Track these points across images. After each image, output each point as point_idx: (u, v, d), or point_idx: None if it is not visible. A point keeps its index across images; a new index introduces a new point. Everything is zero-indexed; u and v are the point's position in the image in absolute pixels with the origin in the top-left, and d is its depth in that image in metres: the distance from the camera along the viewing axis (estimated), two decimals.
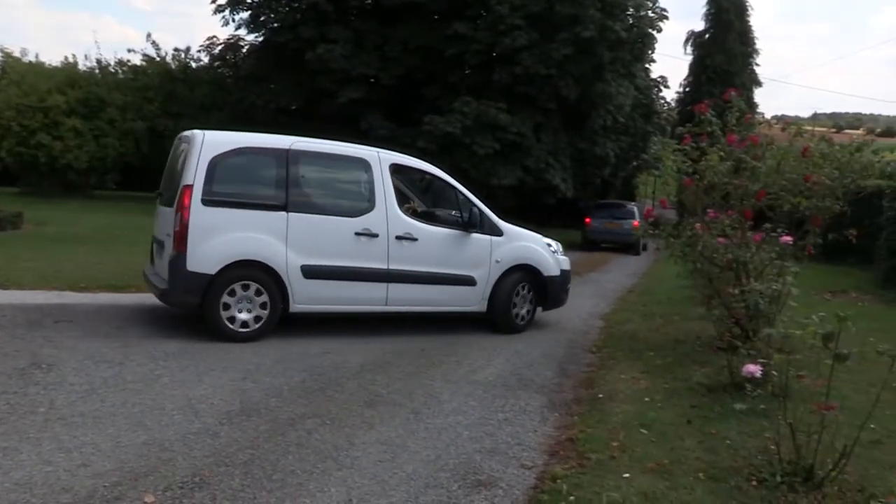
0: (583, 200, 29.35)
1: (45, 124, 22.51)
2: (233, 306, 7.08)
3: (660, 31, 28.03)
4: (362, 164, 7.95)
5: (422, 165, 8.81)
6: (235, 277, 7.08)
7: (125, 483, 3.73)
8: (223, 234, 7.03)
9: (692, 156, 7.41)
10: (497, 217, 8.78)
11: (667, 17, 28.16)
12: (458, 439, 4.83)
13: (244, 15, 27.31)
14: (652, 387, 6.26)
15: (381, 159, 8.01)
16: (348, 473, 4.10)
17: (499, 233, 8.66)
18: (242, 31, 28.61)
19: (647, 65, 32.57)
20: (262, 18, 26.99)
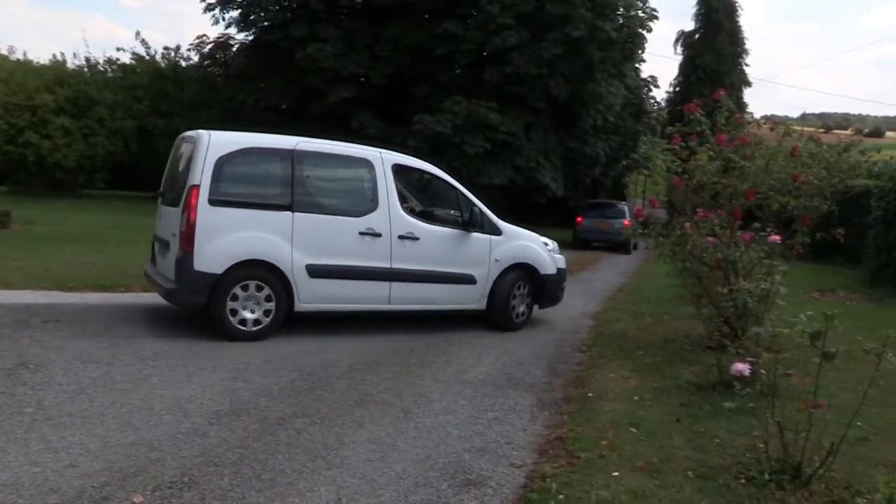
0: (573, 200, 29.42)
1: (34, 123, 22.36)
2: (239, 306, 7.12)
3: (650, 31, 28.15)
4: (365, 165, 8.00)
5: (423, 165, 8.88)
6: (241, 277, 7.11)
7: (113, 483, 3.71)
8: (229, 234, 7.05)
9: (681, 155, 7.43)
10: (496, 216, 8.88)
11: (657, 17, 28.29)
12: (448, 438, 4.83)
13: (234, 14, 27.29)
14: (641, 385, 6.28)
15: (383, 159, 8.07)
16: (338, 473, 4.10)
17: (498, 232, 8.76)
18: (232, 30, 28.63)
19: (637, 64, 32.72)
20: (253, 17, 26.95)
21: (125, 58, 27.22)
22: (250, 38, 28.33)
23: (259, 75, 26.39)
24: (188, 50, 28.89)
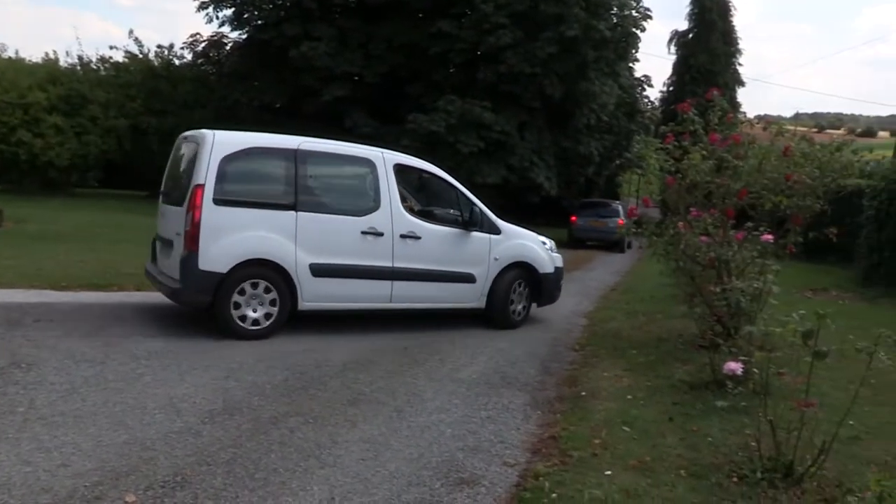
0: (567, 199, 29.44)
1: (26, 121, 22.30)
2: (243, 305, 7.14)
3: (643, 30, 28.26)
4: (368, 164, 8.04)
5: (424, 165, 8.92)
6: (246, 276, 7.14)
7: (106, 483, 3.70)
8: (234, 234, 7.08)
9: (675, 154, 7.45)
10: (495, 216, 8.96)
11: (650, 17, 28.44)
12: (441, 437, 4.83)
13: (228, 12, 27.26)
14: (634, 384, 6.29)
15: (385, 159, 8.11)
16: (331, 472, 4.10)
17: (497, 231, 8.84)
18: (226, 29, 28.60)
19: (631, 64, 32.83)
20: (246, 16, 26.93)
21: (118, 56, 27.19)
22: (244, 36, 28.31)
23: (253, 74, 26.34)
24: (182, 48, 28.93)
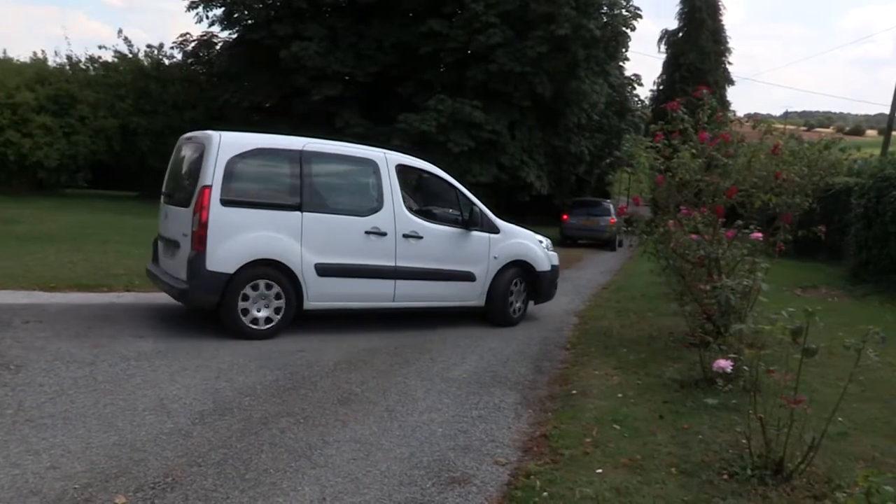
0: (558, 198, 29.49)
1: (14, 121, 22.16)
2: (250, 305, 7.18)
3: (633, 29, 28.36)
4: (370, 165, 8.11)
5: (425, 166, 8.99)
6: (253, 276, 7.18)
7: (96, 485, 3.68)
8: (241, 234, 7.10)
9: (664, 153, 7.47)
10: (494, 215, 9.07)
11: (640, 16, 28.50)
12: (432, 437, 4.83)
13: (218, 12, 27.20)
14: (625, 383, 6.31)
15: (387, 160, 8.20)
16: (322, 472, 4.09)
17: (496, 230, 8.96)
18: (216, 28, 28.51)
19: (621, 63, 32.94)
20: (236, 15, 26.84)
21: (107, 56, 27.05)
22: (234, 36, 28.23)
23: (243, 74, 26.28)
24: (171, 48, 28.82)
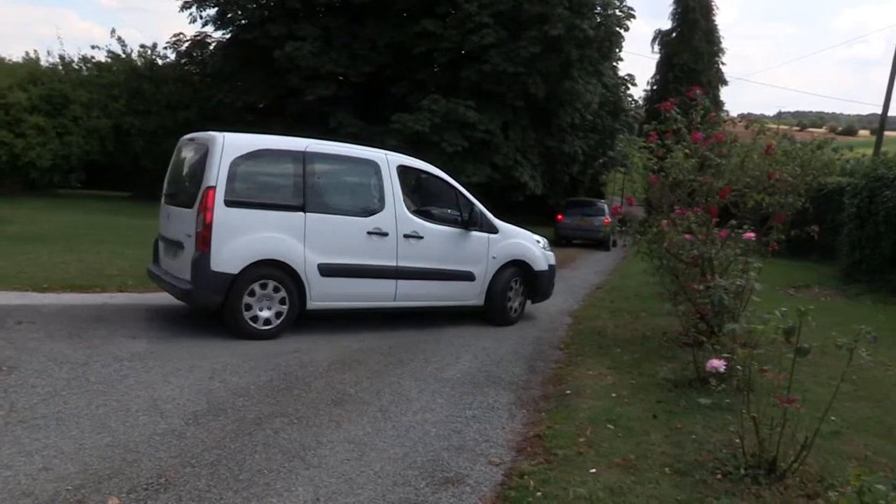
0: (551, 198, 29.53)
1: (7, 121, 22.05)
2: (254, 305, 7.22)
3: (627, 29, 28.42)
4: (372, 166, 8.17)
5: (425, 166, 9.05)
6: (257, 276, 7.21)
7: (88, 486, 3.67)
8: (245, 235, 7.13)
9: (658, 153, 7.48)
10: (492, 215, 9.14)
11: (634, 16, 28.57)
12: (426, 437, 4.83)
13: (211, 12, 27.14)
14: (619, 382, 6.31)
15: (389, 161, 8.26)
16: (316, 472, 4.09)
17: (495, 230, 9.05)
18: (210, 28, 28.43)
19: (614, 63, 33.01)
20: (230, 15, 26.78)
21: (101, 56, 26.93)
22: (227, 36, 28.16)
23: (236, 74, 26.23)
24: (165, 48, 28.65)
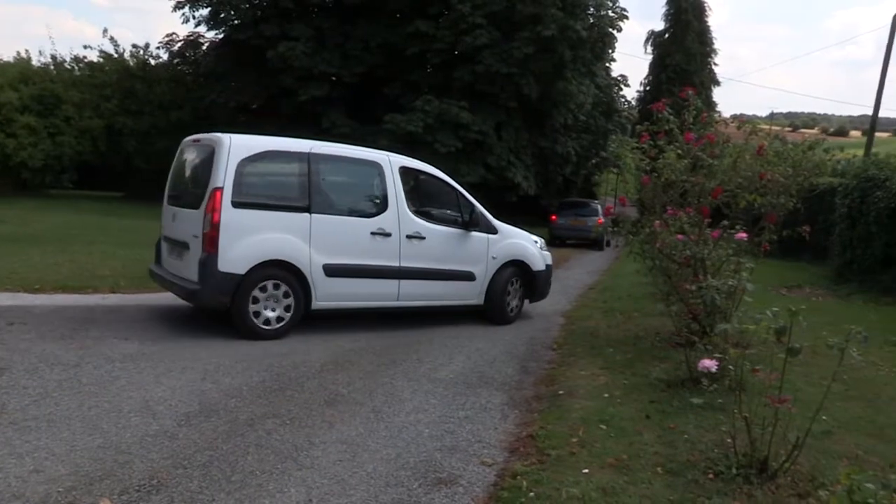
0: (545, 198, 29.57)
1: None
2: (260, 305, 7.26)
3: (620, 30, 28.46)
4: (375, 167, 8.26)
5: (426, 168, 9.13)
6: (263, 277, 7.27)
7: (80, 488, 3.66)
8: (251, 235, 7.19)
9: (650, 154, 7.50)
10: (492, 216, 9.25)
11: (627, 17, 28.62)
12: (419, 437, 4.83)
13: (204, 12, 27.08)
14: (612, 383, 6.31)
15: (391, 162, 8.35)
16: (308, 473, 4.08)
17: (494, 231, 9.17)
18: (202, 28, 28.37)
19: (607, 64, 33.07)
20: (223, 15, 26.74)
21: (93, 56, 26.90)
22: (220, 36, 28.11)
23: (229, 74, 26.18)
24: (157, 48, 28.67)
